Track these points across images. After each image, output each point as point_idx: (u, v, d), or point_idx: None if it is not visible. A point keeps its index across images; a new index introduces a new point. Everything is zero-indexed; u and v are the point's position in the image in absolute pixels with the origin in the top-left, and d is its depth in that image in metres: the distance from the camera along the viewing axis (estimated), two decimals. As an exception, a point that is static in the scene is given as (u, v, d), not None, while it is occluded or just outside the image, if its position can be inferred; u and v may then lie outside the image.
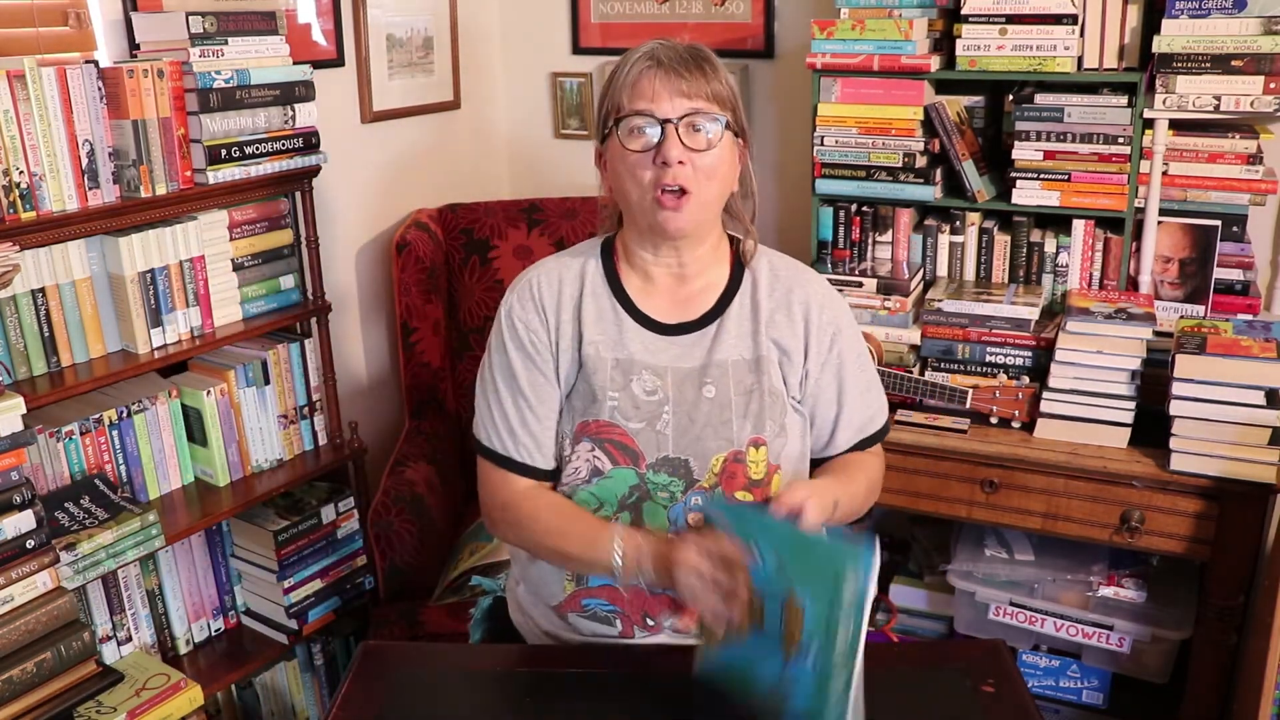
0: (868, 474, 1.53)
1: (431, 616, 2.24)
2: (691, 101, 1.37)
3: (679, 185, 1.37)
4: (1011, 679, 1.38)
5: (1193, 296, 2.15)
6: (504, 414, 1.48)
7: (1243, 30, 1.97)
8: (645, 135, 1.37)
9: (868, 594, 1.13)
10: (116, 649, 2.07)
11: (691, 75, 1.37)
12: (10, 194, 1.77)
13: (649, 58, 1.39)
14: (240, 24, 2.04)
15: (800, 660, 1.17)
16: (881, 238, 2.36)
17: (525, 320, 1.48)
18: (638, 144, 1.37)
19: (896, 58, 2.17)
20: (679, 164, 1.36)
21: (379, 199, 2.71)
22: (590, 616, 1.48)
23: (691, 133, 1.37)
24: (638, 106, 1.37)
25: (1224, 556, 1.89)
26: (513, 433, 1.47)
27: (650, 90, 1.37)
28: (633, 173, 1.38)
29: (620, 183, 1.41)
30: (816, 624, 1.15)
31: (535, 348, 1.47)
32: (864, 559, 1.13)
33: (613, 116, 1.40)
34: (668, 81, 1.37)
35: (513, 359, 1.48)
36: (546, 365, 1.47)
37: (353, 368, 2.69)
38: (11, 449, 1.68)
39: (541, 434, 1.48)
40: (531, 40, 2.99)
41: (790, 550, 1.21)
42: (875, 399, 1.55)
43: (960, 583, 2.18)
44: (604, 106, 1.43)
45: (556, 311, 1.48)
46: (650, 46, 1.41)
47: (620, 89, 1.39)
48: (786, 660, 1.18)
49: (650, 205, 1.39)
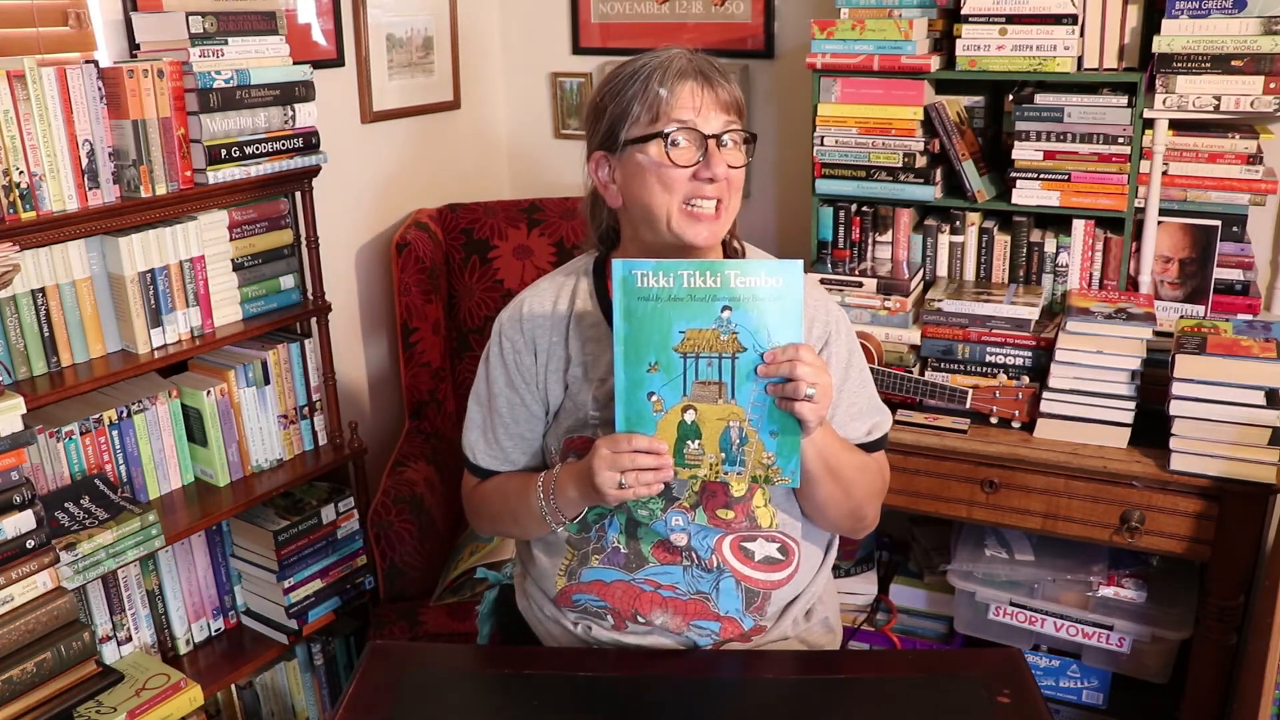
0: (865, 459, 1.49)
1: (432, 616, 2.24)
2: (728, 115, 1.37)
3: (715, 198, 1.37)
4: (1027, 689, 1.38)
5: (1193, 296, 2.15)
6: (477, 422, 1.55)
7: (1243, 30, 1.97)
8: (689, 148, 1.35)
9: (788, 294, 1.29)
10: (116, 649, 2.07)
11: (725, 85, 1.37)
12: (10, 194, 1.77)
13: (684, 71, 1.35)
14: (240, 24, 2.04)
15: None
16: (881, 238, 2.36)
17: (513, 341, 1.50)
18: (684, 157, 1.35)
19: (896, 58, 2.17)
20: (720, 180, 1.36)
21: (379, 199, 2.71)
22: (582, 610, 1.50)
23: (729, 148, 1.37)
24: (682, 118, 1.34)
25: (1224, 556, 1.89)
26: (482, 440, 1.55)
27: (693, 102, 1.35)
28: (668, 184, 1.35)
29: (646, 193, 1.37)
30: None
31: (519, 369, 1.50)
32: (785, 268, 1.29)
33: (641, 126, 1.36)
34: (709, 94, 1.35)
35: (493, 375, 1.52)
36: (528, 388, 1.50)
37: (353, 368, 2.69)
38: (11, 449, 1.68)
39: (511, 449, 1.53)
40: (531, 40, 2.99)
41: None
42: (871, 415, 1.51)
43: (960, 583, 2.18)
44: (619, 113, 1.38)
45: (547, 335, 1.49)
46: (678, 56, 1.37)
47: (655, 100, 1.35)
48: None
49: (679, 217, 1.37)
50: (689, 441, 1.33)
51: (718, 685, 1.44)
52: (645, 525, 1.45)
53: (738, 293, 1.29)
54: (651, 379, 1.31)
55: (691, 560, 1.45)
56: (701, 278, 1.28)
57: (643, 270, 1.29)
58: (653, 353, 1.31)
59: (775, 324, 1.29)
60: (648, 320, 1.30)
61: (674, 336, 1.30)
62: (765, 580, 1.47)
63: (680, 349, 1.30)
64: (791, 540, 1.49)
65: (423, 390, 2.64)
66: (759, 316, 1.29)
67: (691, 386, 1.31)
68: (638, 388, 1.32)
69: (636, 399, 1.32)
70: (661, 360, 1.31)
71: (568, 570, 1.50)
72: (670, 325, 1.30)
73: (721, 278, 1.28)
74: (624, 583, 1.47)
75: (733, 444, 1.32)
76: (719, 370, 1.31)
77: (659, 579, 1.46)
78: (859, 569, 2.39)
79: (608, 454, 1.31)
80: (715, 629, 1.47)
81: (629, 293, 1.30)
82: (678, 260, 1.29)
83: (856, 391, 1.50)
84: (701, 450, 1.33)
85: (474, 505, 1.59)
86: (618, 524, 1.46)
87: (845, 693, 1.42)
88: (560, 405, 1.49)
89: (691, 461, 1.33)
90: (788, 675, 1.45)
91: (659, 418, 1.32)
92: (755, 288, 1.29)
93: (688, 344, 1.30)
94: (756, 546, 1.46)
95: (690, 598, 1.46)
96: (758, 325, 1.29)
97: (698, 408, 1.32)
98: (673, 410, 1.32)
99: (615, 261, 1.30)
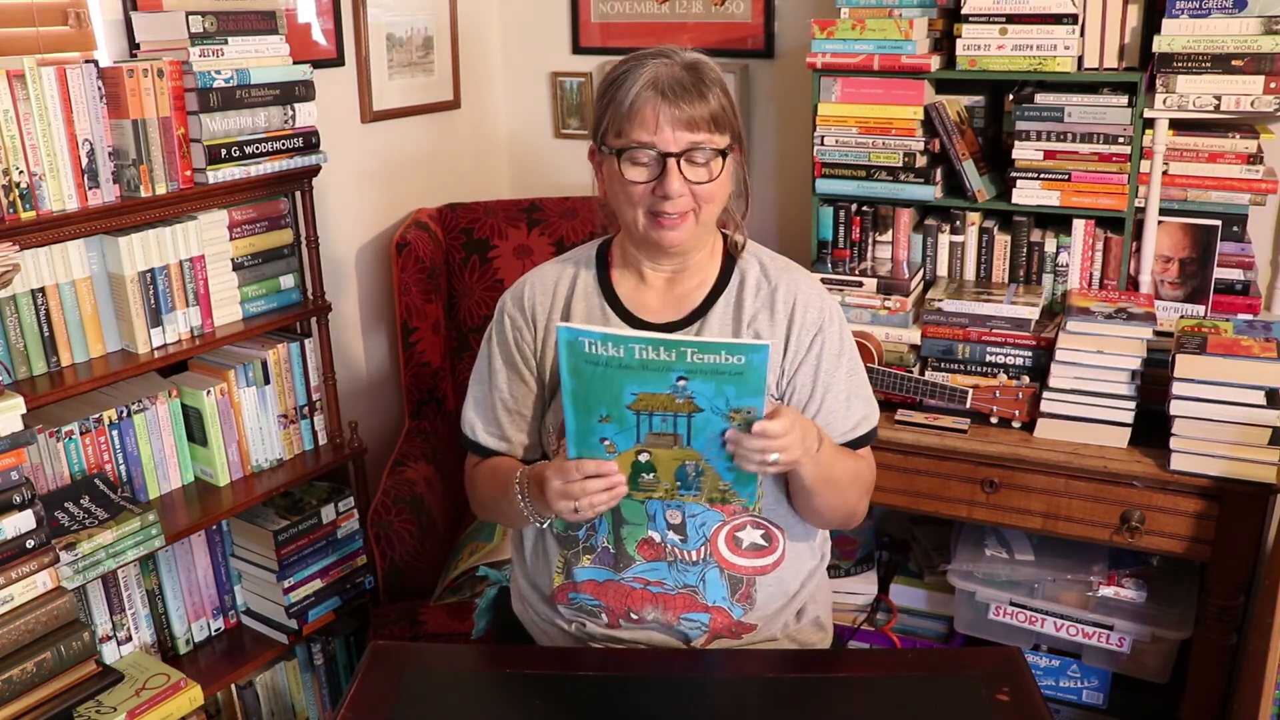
0: (858, 462, 1.51)
1: (432, 616, 2.24)
2: (692, 134, 1.36)
3: (678, 211, 1.38)
4: (1026, 688, 1.38)
5: (1193, 296, 2.15)
6: (478, 402, 1.56)
7: (1243, 30, 1.96)
8: (646, 167, 1.37)
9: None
10: (116, 649, 2.07)
11: (691, 102, 1.36)
12: (10, 194, 1.77)
13: (651, 85, 1.36)
14: (240, 24, 2.04)
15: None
16: (881, 238, 2.36)
17: (514, 319, 1.53)
18: (639, 175, 1.38)
19: (896, 57, 2.17)
20: (679, 196, 1.37)
21: (379, 199, 2.71)
22: (577, 609, 1.51)
23: (692, 166, 1.37)
24: (640, 138, 1.36)
25: (1224, 556, 1.88)
26: (481, 419, 1.55)
27: (652, 121, 1.35)
28: (630, 198, 1.39)
29: (616, 200, 1.43)
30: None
31: (518, 348, 1.52)
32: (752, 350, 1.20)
33: (612, 138, 1.39)
34: (669, 111, 1.35)
35: (495, 354, 1.54)
36: (526, 368, 1.52)
37: (353, 367, 2.69)
38: (11, 449, 1.68)
39: (509, 425, 1.54)
40: (531, 40, 2.99)
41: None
42: (861, 407, 1.52)
43: (960, 583, 2.18)
44: (602, 117, 1.41)
45: (547, 314, 1.51)
46: (651, 68, 1.37)
47: (620, 114, 1.37)
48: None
49: (647, 224, 1.40)
50: (643, 475, 1.30)
51: (717, 685, 1.45)
52: (629, 523, 1.46)
53: (695, 367, 1.20)
54: (603, 428, 1.26)
55: (675, 556, 1.46)
56: (655, 351, 1.19)
57: (590, 339, 1.20)
58: (604, 407, 1.24)
59: (735, 393, 1.22)
60: (597, 381, 1.23)
61: (626, 397, 1.23)
62: (749, 566, 1.48)
63: (633, 408, 1.24)
64: (775, 526, 1.50)
65: (423, 390, 2.64)
66: (718, 386, 1.21)
67: (645, 436, 1.26)
68: (589, 434, 1.27)
69: (589, 443, 1.28)
70: (614, 414, 1.25)
71: (564, 568, 1.51)
72: (622, 388, 1.22)
73: (677, 353, 1.19)
74: (614, 582, 1.49)
75: (689, 475, 1.30)
76: (674, 425, 1.25)
77: (647, 576, 1.47)
78: (859, 569, 2.39)
79: (559, 485, 1.30)
80: (705, 620, 1.49)
81: (575, 355, 1.22)
82: (629, 335, 1.21)
83: (847, 380, 1.50)
84: (657, 480, 1.31)
85: (471, 487, 1.60)
86: (606, 525, 1.47)
87: (844, 691, 1.42)
88: (559, 384, 1.49)
89: (646, 488, 1.31)
90: (787, 674, 1.45)
91: (612, 458, 1.28)
92: (715, 364, 1.19)
93: (640, 404, 1.23)
94: (745, 534, 1.48)
95: (678, 592, 1.48)
96: (716, 393, 1.21)
97: (652, 451, 1.28)
98: (626, 453, 1.28)
99: (559, 327, 1.22)
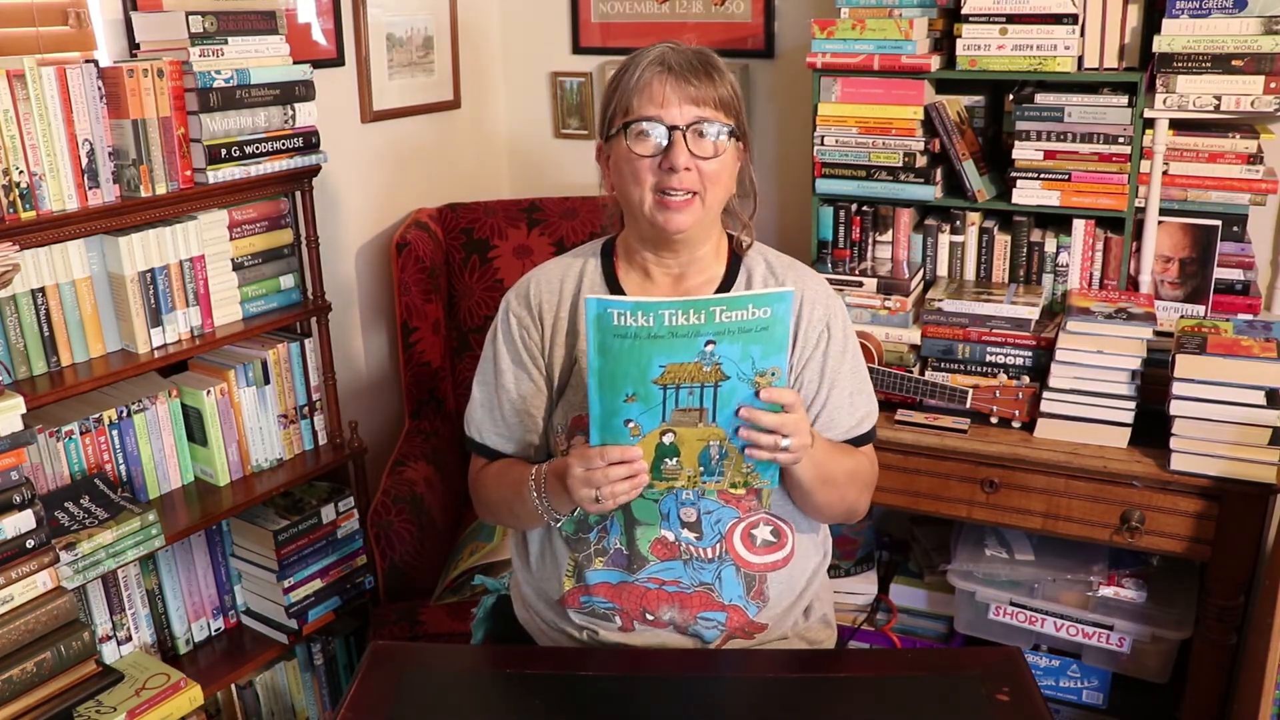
0: (857, 460, 1.53)
1: (432, 616, 2.24)
2: (699, 109, 1.38)
3: (684, 189, 1.39)
4: (1026, 688, 1.38)
5: (1193, 296, 2.15)
6: (484, 403, 1.55)
7: (1243, 30, 1.96)
8: (653, 140, 1.38)
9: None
10: (116, 649, 2.07)
11: (700, 81, 1.39)
12: (10, 194, 1.77)
13: (659, 62, 1.39)
14: (240, 24, 2.04)
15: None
16: (881, 237, 2.36)
17: (519, 317, 1.52)
18: (645, 148, 1.39)
19: (897, 57, 2.17)
20: (685, 170, 1.38)
21: (379, 199, 2.71)
22: (589, 613, 1.50)
23: (698, 139, 1.39)
24: (647, 112, 1.38)
25: (1224, 556, 1.88)
26: (489, 420, 1.55)
27: (660, 95, 1.38)
28: (637, 175, 1.40)
29: (623, 183, 1.43)
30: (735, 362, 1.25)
31: (525, 346, 1.51)
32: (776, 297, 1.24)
33: (620, 118, 1.41)
34: (677, 87, 1.38)
35: (502, 354, 1.53)
36: (533, 365, 1.51)
37: (353, 367, 2.69)
38: (11, 449, 1.68)
39: (517, 425, 1.53)
40: (531, 40, 2.99)
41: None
42: (864, 403, 1.54)
43: (960, 583, 2.18)
44: (610, 106, 1.44)
45: (554, 311, 1.51)
46: (660, 50, 1.41)
47: (629, 92, 1.40)
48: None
49: (652, 206, 1.41)
50: (666, 459, 1.30)
51: (718, 684, 1.45)
52: (642, 524, 1.46)
53: (723, 327, 1.23)
54: (628, 408, 1.26)
55: (691, 554, 1.46)
56: (684, 315, 1.21)
57: (620, 310, 1.21)
58: (630, 385, 1.25)
59: (761, 352, 1.25)
60: (624, 356, 1.23)
61: (653, 370, 1.24)
62: (761, 563, 1.49)
63: (660, 381, 1.25)
64: (784, 522, 1.50)
65: (423, 390, 2.64)
66: (744, 347, 1.24)
67: (671, 413, 1.27)
68: (614, 416, 1.27)
69: (612, 426, 1.28)
70: (639, 392, 1.25)
71: (574, 572, 1.50)
72: (649, 360, 1.23)
73: (706, 314, 1.22)
74: (628, 583, 1.48)
75: (712, 459, 1.31)
76: (700, 398, 1.26)
77: (661, 575, 1.47)
78: (859, 569, 2.39)
79: (581, 473, 1.30)
80: (721, 619, 1.49)
81: (604, 330, 1.22)
82: (658, 300, 1.22)
83: (851, 377, 1.52)
84: (680, 466, 1.31)
85: (477, 491, 1.60)
86: (618, 526, 1.47)
87: (845, 691, 1.42)
88: (566, 381, 1.50)
89: (669, 475, 1.31)
90: (788, 674, 1.45)
91: (636, 441, 1.28)
92: (742, 321, 1.23)
93: (668, 376, 1.24)
94: (759, 531, 1.49)
95: (695, 590, 1.47)
96: (742, 355, 1.24)
97: (677, 430, 1.28)
98: (651, 434, 1.28)
99: (588, 299, 1.23)
